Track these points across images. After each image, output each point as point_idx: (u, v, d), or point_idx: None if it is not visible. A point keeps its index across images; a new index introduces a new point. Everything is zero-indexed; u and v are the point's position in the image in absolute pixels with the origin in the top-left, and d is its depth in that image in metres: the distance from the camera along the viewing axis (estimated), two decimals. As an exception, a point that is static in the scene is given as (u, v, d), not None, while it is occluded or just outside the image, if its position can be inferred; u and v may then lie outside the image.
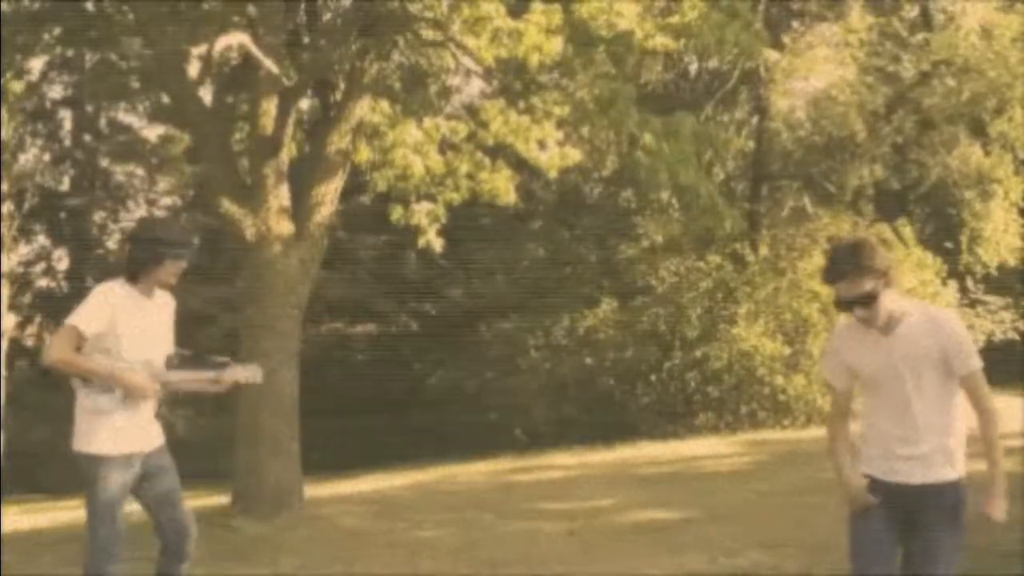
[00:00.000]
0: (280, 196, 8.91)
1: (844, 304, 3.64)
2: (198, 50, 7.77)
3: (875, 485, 3.74)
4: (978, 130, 16.28)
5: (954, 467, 3.69)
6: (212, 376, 4.61)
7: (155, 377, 4.46)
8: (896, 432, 3.69)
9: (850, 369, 3.80)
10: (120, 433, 4.40)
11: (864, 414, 3.84)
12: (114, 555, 4.41)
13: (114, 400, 4.38)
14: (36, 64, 18.06)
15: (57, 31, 9.24)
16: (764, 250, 14.02)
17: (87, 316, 4.32)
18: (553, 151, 9.15)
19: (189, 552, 4.58)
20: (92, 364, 4.33)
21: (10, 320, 19.88)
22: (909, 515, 3.70)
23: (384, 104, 9.55)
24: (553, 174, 9.67)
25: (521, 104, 9.16)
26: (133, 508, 4.60)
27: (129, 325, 4.39)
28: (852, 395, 3.88)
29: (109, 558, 4.40)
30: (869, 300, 3.58)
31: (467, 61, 9.04)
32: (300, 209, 9.02)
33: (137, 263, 4.46)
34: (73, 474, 4.57)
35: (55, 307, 20.81)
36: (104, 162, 23.73)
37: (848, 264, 3.60)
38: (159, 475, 4.54)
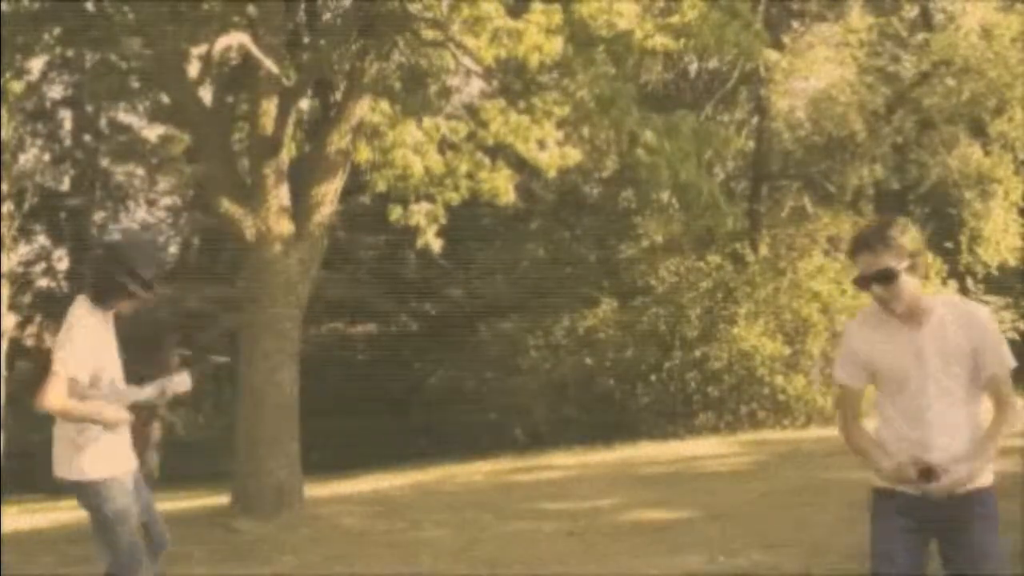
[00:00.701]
0: (280, 196, 8.91)
1: (863, 281, 3.36)
2: (198, 50, 7.77)
3: (894, 499, 3.43)
4: (978, 130, 16.29)
5: (984, 473, 3.46)
6: (158, 392, 4.57)
7: (122, 400, 4.43)
8: (914, 436, 3.40)
9: (868, 366, 3.48)
10: (117, 454, 4.44)
11: (877, 418, 3.53)
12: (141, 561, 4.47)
13: (89, 430, 4.35)
14: (36, 64, 18.05)
15: (57, 31, 9.23)
16: (764, 250, 14.02)
17: (79, 362, 4.21)
18: (553, 151, 9.15)
19: (158, 560, 4.69)
20: (84, 410, 4.25)
21: (10, 320, 19.88)
22: (942, 530, 3.43)
23: (384, 104, 9.54)
24: (553, 174, 9.67)
25: (521, 104, 9.16)
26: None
27: (104, 353, 4.37)
28: (863, 394, 3.57)
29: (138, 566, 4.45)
30: (889, 277, 3.29)
31: (467, 61, 9.03)
32: (300, 209, 9.03)
33: (101, 291, 4.35)
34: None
35: (55, 307, 20.81)
36: (104, 162, 23.73)
37: (873, 237, 3.35)
38: (138, 484, 4.58)
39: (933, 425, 3.38)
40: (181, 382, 4.64)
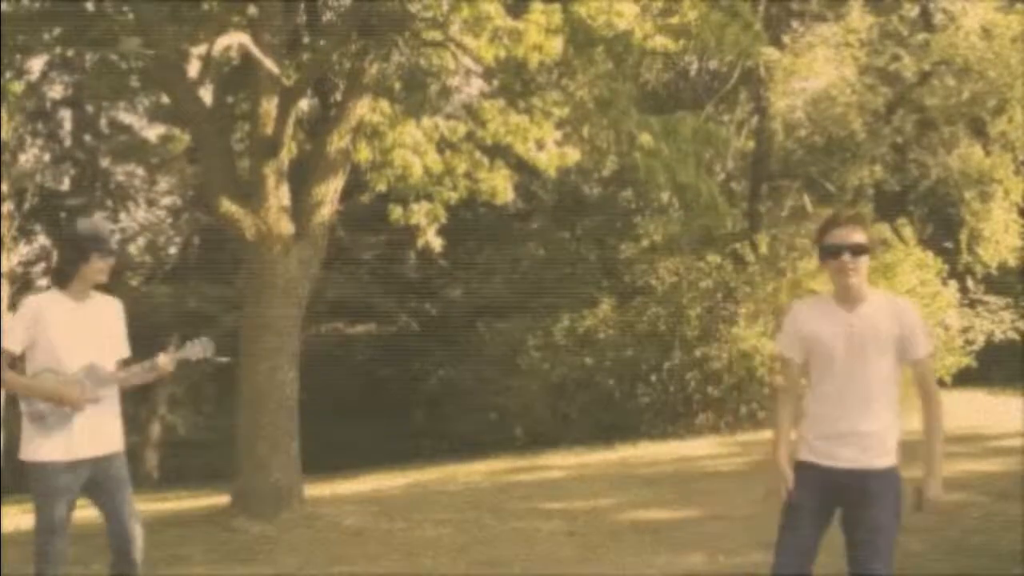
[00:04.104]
0: (280, 196, 8.91)
1: (836, 250, 3.76)
2: (198, 50, 7.77)
3: (813, 471, 3.85)
4: (978, 130, 16.30)
5: (891, 455, 3.81)
6: (149, 365, 4.61)
7: (98, 382, 4.47)
8: (838, 412, 3.81)
9: (804, 341, 3.90)
10: (65, 439, 4.43)
11: (810, 393, 3.94)
12: (55, 559, 4.50)
13: (55, 409, 4.42)
14: (36, 64, 18.08)
15: (57, 31, 9.23)
16: (764, 250, 14.00)
17: (9, 334, 4.40)
18: (552, 151, 9.15)
19: (136, 561, 4.62)
20: (24, 383, 4.41)
21: (10, 320, 19.86)
22: (849, 504, 3.80)
23: (384, 104, 9.55)
24: (552, 174, 9.67)
25: (521, 104, 9.16)
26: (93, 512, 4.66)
27: (62, 333, 4.43)
28: (802, 371, 3.98)
29: (49, 562, 4.49)
30: (861, 249, 3.74)
31: (467, 61, 9.04)
32: (300, 209, 9.03)
33: (65, 265, 4.51)
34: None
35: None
36: (104, 162, 23.72)
37: (852, 217, 3.84)
38: (108, 483, 4.56)
39: (856, 404, 3.80)
40: (193, 349, 4.65)
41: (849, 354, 3.79)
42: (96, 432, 4.51)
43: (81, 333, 4.47)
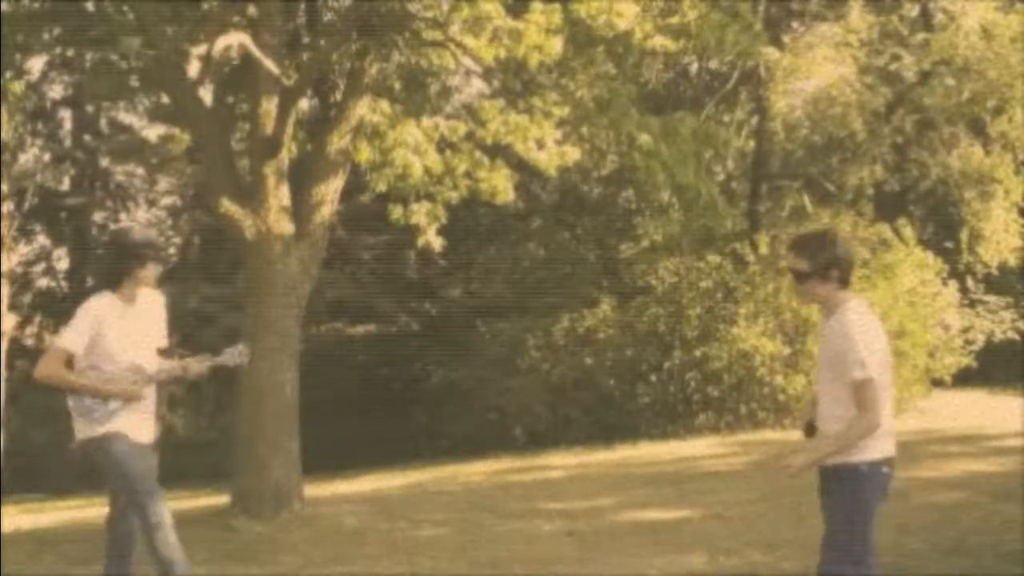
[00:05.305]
0: (280, 196, 8.91)
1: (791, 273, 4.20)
2: (198, 50, 7.75)
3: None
4: (978, 130, 16.30)
5: (848, 451, 3.98)
6: (181, 366, 4.86)
7: (144, 380, 4.72)
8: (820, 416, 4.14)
9: None
10: (121, 424, 4.67)
11: None
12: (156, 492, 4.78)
13: (103, 407, 4.66)
14: (36, 64, 18.09)
15: (57, 31, 9.23)
16: (764, 250, 14.00)
17: (73, 335, 4.64)
18: (552, 150, 9.15)
19: (133, 564, 4.83)
20: (76, 380, 4.63)
21: (10, 320, 19.90)
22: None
23: (384, 104, 9.54)
24: (552, 173, 9.67)
25: (520, 104, 9.16)
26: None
27: (115, 335, 4.67)
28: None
29: (150, 495, 4.77)
30: (797, 277, 4.10)
31: (467, 61, 9.03)
32: (300, 209, 9.02)
33: (119, 269, 4.74)
34: (73, 474, 4.70)
35: (55, 307, 20.82)
36: (104, 162, 23.73)
37: (794, 243, 4.25)
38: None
39: (819, 407, 4.14)
40: (232, 356, 4.92)
41: (820, 370, 4.20)
42: (140, 424, 4.77)
43: (129, 334, 4.72)
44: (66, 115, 22.96)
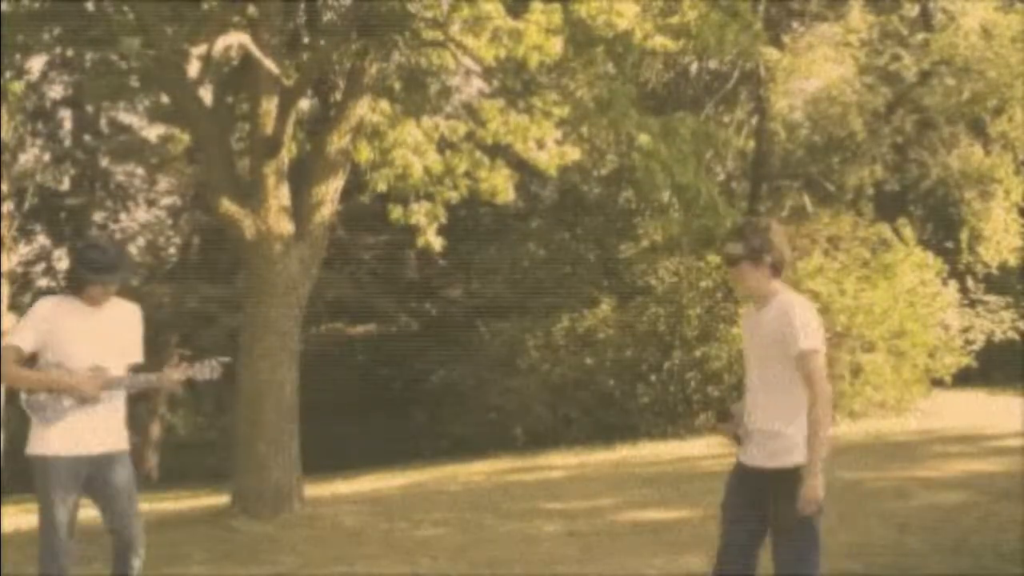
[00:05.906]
0: (280, 196, 8.91)
1: (724, 260, 4.14)
2: (198, 50, 7.76)
3: (739, 468, 4.04)
4: (978, 130, 16.30)
5: (793, 454, 3.83)
6: (155, 378, 4.68)
7: (105, 383, 4.52)
8: (748, 410, 4.03)
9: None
10: (65, 433, 4.51)
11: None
12: (58, 555, 4.53)
13: (56, 404, 4.52)
14: (36, 64, 18.09)
15: (57, 31, 9.23)
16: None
17: (18, 331, 4.55)
18: (552, 150, 9.15)
19: (134, 565, 4.65)
20: (30, 376, 4.51)
21: (10, 320, 19.87)
22: (765, 502, 3.88)
23: (384, 104, 9.55)
24: (552, 173, 9.68)
25: (521, 104, 9.16)
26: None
27: (71, 335, 4.51)
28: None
29: (53, 559, 4.53)
30: (730, 261, 4.02)
31: (467, 61, 9.03)
32: (300, 209, 9.03)
33: (70, 281, 4.66)
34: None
35: (55, 307, 20.76)
36: (104, 162, 23.73)
37: (734, 228, 4.21)
38: (110, 485, 4.59)
39: (756, 402, 4.01)
40: (203, 371, 4.69)
41: (753, 359, 4.06)
42: (97, 430, 4.54)
43: (90, 337, 4.53)
44: (66, 115, 22.96)
